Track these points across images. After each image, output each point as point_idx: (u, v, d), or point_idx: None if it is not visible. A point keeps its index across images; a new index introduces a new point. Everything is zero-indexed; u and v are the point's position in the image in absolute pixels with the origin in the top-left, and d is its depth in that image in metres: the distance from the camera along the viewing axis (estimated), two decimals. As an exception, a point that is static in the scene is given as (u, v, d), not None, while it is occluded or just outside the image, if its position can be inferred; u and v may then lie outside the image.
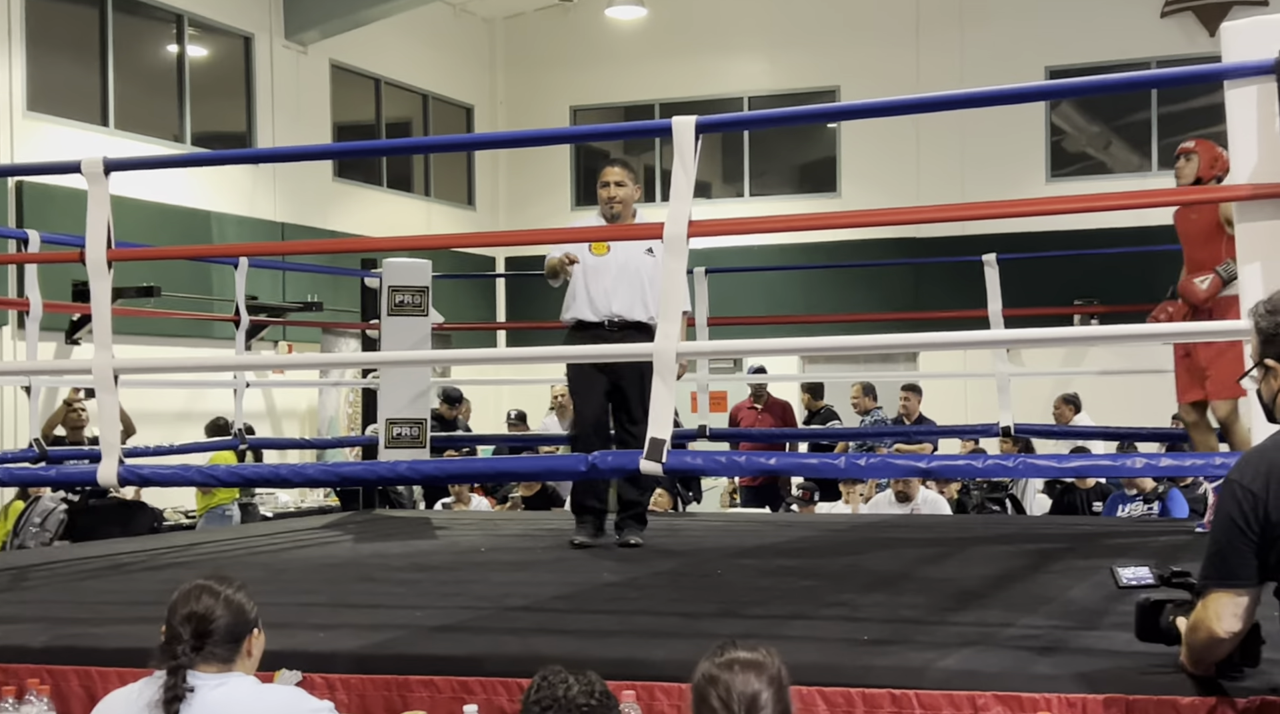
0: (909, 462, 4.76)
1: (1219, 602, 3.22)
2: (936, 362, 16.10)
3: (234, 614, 3.19)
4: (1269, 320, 3.26)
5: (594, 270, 6.76)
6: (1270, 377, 3.28)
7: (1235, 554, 3.17)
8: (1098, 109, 17.87)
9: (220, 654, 3.16)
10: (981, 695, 3.61)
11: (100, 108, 13.86)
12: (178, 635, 3.12)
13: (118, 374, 4.94)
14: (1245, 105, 4.05)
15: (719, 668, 2.82)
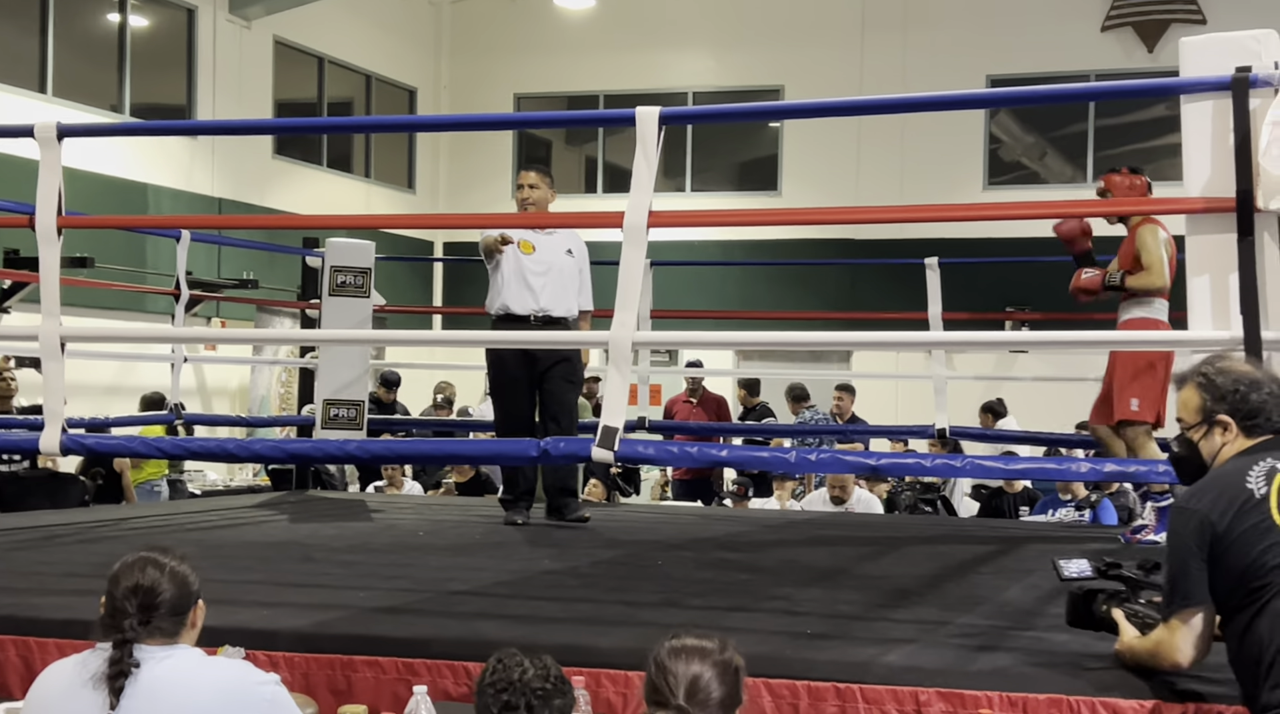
0: (858, 458, 4.80)
1: (1180, 633, 3.33)
2: (869, 362, 16.23)
3: (179, 586, 3.13)
4: (1225, 378, 3.39)
5: (525, 267, 7.03)
6: (1217, 431, 3.39)
7: (1189, 577, 3.27)
8: (1035, 119, 18.08)
9: (166, 627, 3.11)
10: (924, 691, 3.65)
11: (39, 74, 13.68)
12: (123, 609, 3.06)
13: (64, 342, 4.87)
14: (1201, 119, 4.12)
15: (667, 653, 2.90)
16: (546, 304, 7.02)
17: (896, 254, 14.24)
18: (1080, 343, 6.54)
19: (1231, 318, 4.05)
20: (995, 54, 17.19)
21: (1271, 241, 4.04)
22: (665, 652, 2.93)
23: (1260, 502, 3.20)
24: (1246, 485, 3.22)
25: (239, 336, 13.33)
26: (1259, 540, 3.16)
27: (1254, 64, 4.03)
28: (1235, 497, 3.22)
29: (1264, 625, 3.13)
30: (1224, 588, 3.24)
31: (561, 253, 7.13)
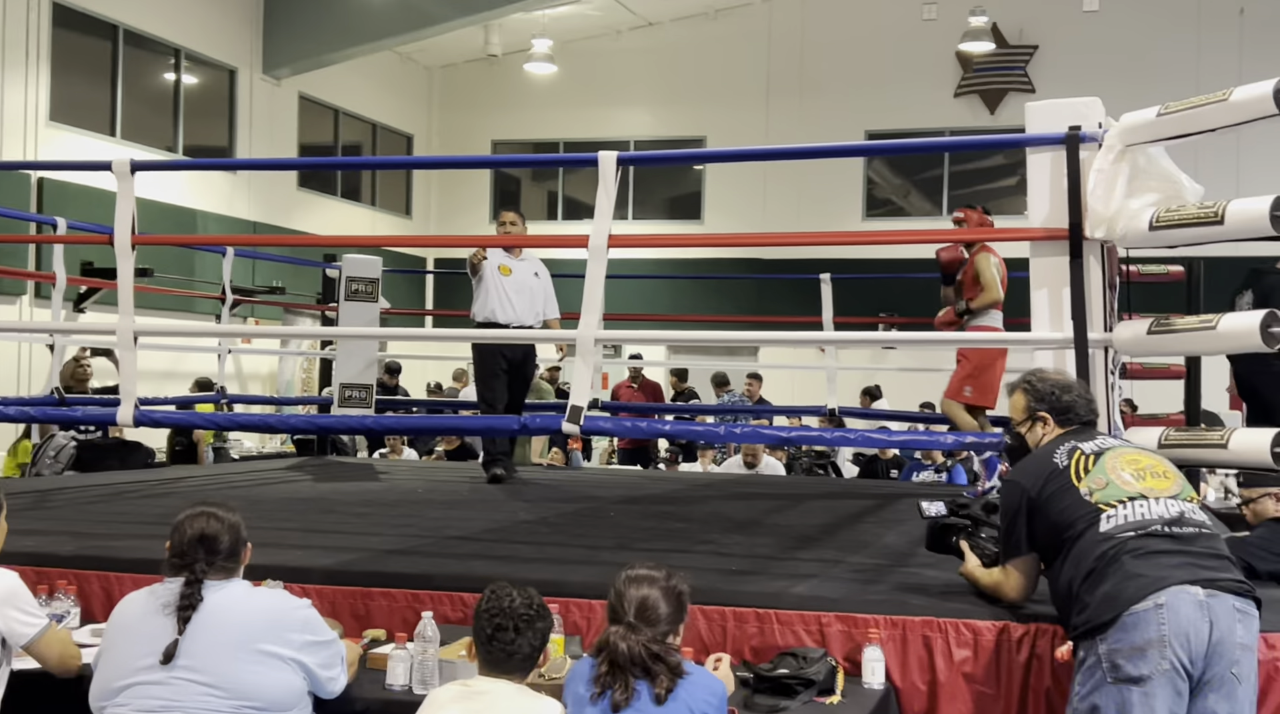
0: (774, 432, 4.80)
1: (1012, 576, 3.49)
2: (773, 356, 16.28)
3: (233, 533, 3.13)
4: (1044, 384, 3.55)
5: (505, 285, 7.29)
6: (1038, 425, 3.53)
7: (1015, 533, 3.41)
8: (901, 166, 18.20)
9: (228, 566, 3.11)
10: (826, 615, 3.67)
11: (109, 120, 13.46)
12: (191, 553, 3.05)
13: (137, 336, 4.79)
14: (1042, 167, 4.15)
15: (623, 581, 2.96)
16: (521, 315, 7.30)
17: (794, 271, 14.30)
18: (943, 341, 6.59)
19: (1065, 322, 4.10)
20: (872, 113, 17.29)
21: (1095, 262, 4.09)
22: (622, 580, 2.96)
23: (1063, 471, 3.32)
24: (1053, 460, 3.36)
25: (272, 332, 13.21)
26: (1062, 499, 3.28)
27: (1083, 124, 4.07)
28: (1044, 469, 3.36)
29: (1069, 566, 3.21)
30: (1043, 540, 3.34)
31: (530, 275, 7.42)
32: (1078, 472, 3.30)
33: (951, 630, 3.56)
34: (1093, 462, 3.31)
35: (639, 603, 2.89)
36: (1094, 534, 3.17)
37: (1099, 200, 3.93)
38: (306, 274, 14.32)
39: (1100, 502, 3.22)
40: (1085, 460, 3.32)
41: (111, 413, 4.77)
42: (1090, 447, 3.37)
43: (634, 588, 2.92)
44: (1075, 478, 3.28)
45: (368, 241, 12.64)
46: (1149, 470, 3.30)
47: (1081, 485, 3.27)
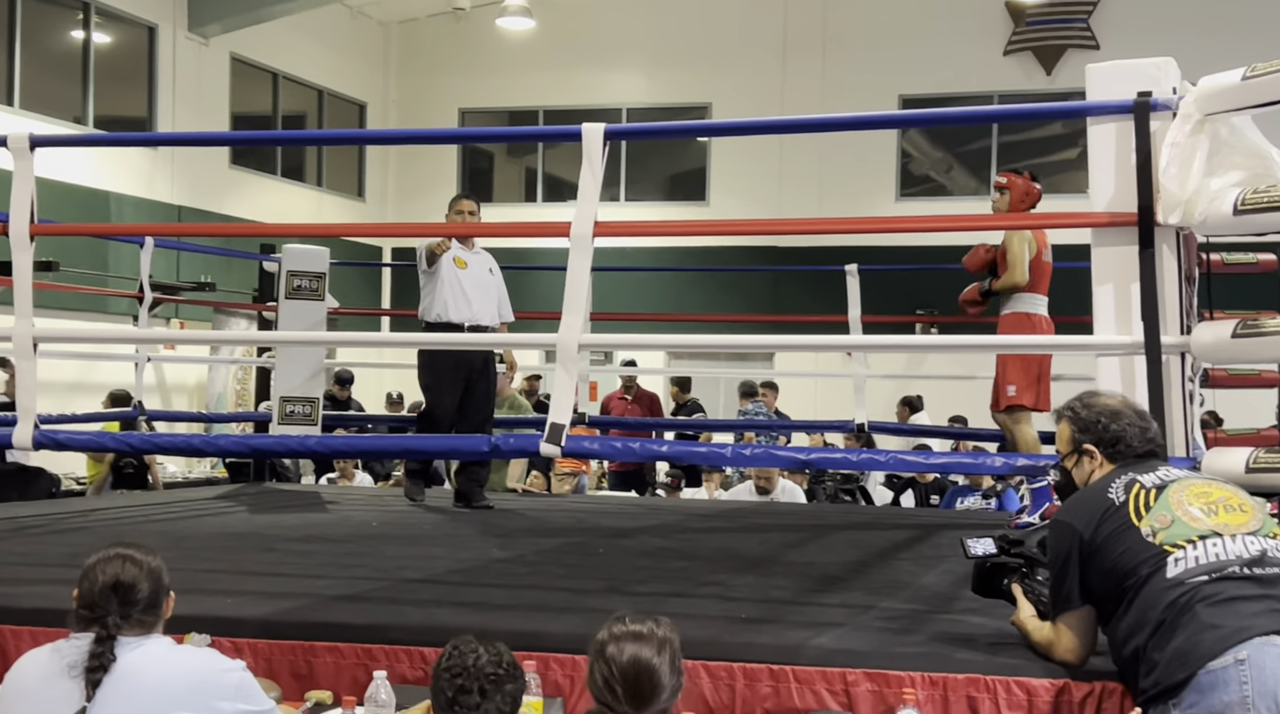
0: (790, 454, 4.80)
1: (1064, 635, 3.48)
2: (791, 361, 16.29)
3: (154, 581, 3.11)
4: (1089, 412, 3.56)
5: (461, 280, 7.41)
6: (1086, 459, 3.56)
7: (1067, 582, 3.41)
8: (942, 136, 18.22)
9: (146, 620, 3.08)
10: (852, 672, 3.65)
11: (6, 87, 13.46)
12: (103, 604, 3.02)
13: (36, 342, 4.77)
14: (1106, 140, 4.15)
15: (606, 641, 2.84)
16: (478, 314, 7.42)
17: (815, 261, 14.31)
18: (988, 347, 6.58)
19: (1133, 323, 4.09)
20: (907, 75, 17.31)
21: (1169, 253, 4.09)
22: (606, 638, 2.83)
23: (1119, 508, 3.33)
24: (1108, 496, 3.37)
25: (200, 337, 13.17)
26: (1120, 541, 3.29)
27: (1154, 89, 4.07)
28: (1098, 506, 3.37)
29: (1132, 619, 3.22)
30: (1100, 588, 3.35)
31: (485, 271, 7.57)
32: (1137, 509, 3.31)
33: (1001, 690, 3.54)
34: (1154, 496, 3.32)
35: (634, 675, 2.79)
36: (1160, 580, 3.18)
37: (1173, 179, 3.93)
38: (241, 267, 14.32)
39: (1166, 543, 3.22)
40: (1146, 495, 3.33)
41: (6, 434, 4.74)
42: (1151, 479, 3.38)
43: (624, 652, 2.81)
44: (1135, 516, 3.29)
45: (313, 230, 12.67)
46: (1221, 504, 3.30)
47: (1143, 524, 3.28)
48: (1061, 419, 3.64)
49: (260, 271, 9.67)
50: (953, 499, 9.84)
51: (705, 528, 7.04)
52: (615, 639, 2.82)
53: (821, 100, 17.23)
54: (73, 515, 7.10)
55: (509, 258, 16.15)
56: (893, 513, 9.21)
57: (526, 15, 18.11)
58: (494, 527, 6.77)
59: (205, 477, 12.56)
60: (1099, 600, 3.38)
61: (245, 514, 7.48)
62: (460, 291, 7.39)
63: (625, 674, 2.77)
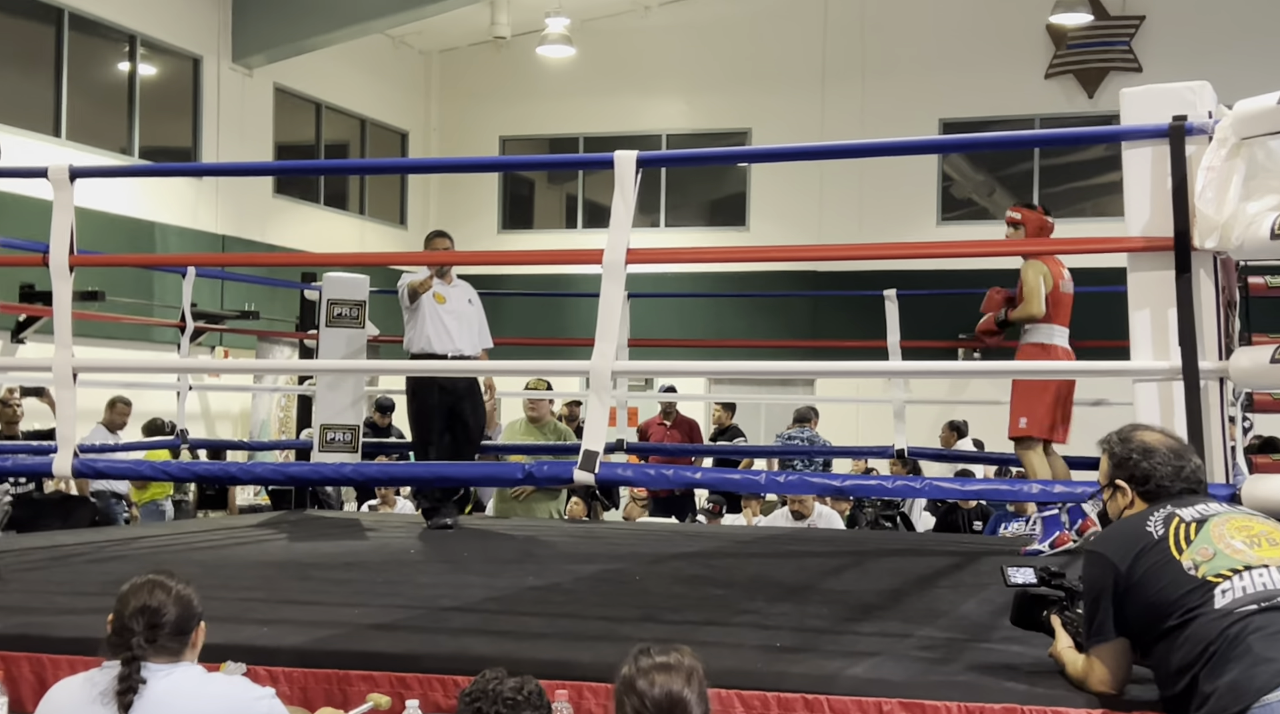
0: (824, 480, 4.78)
1: (1097, 667, 3.45)
2: (832, 387, 16.23)
3: (183, 608, 3.14)
4: (1123, 447, 3.54)
5: (441, 314, 7.88)
6: (1118, 495, 3.55)
7: (1100, 613, 3.39)
8: (984, 159, 18.16)
9: (171, 646, 3.11)
10: (888, 702, 3.62)
11: (53, 119, 13.64)
12: (130, 628, 3.06)
13: (76, 372, 4.83)
14: (1141, 164, 4.13)
15: (635, 673, 2.83)
16: (460, 344, 7.84)
17: (856, 285, 14.26)
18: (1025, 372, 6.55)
19: (1170, 349, 4.06)
20: (947, 99, 17.27)
21: (1206, 278, 4.06)
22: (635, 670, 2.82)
23: (1159, 541, 3.30)
24: (1146, 529, 3.35)
25: (241, 367, 13.29)
26: (1161, 576, 3.26)
27: (1189, 113, 4.04)
28: (1136, 540, 3.34)
29: (1180, 652, 3.18)
30: (1138, 621, 3.32)
31: (464, 302, 8.01)
32: (1178, 542, 3.28)
33: (1036, 722, 3.51)
34: (1195, 530, 3.29)
35: (668, 706, 2.78)
36: (1209, 611, 3.15)
37: (1209, 204, 3.90)
38: (284, 296, 14.42)
39: (1209, 575, 3.20)
40: (1186, 529, 3.30)
41: (47, 462, 4.80)
42: (1190, 513, 3.34)
43: (655, 684, 2.81)
44: (1175, 550, 3.26)
45: (354, 259, 12.71)
46: (1264, 537, 3.27)
47: (1184, 558, 3.25)
48: (1101, 451, 3.62)
49: (302, 300, 9.75)
50: (996, 525, 9.76)
51: (743, 554, 7.01)
52: (644, 672, 2.82)
53: (861, 125, 17.21)
54: (113, 544, 7.15)
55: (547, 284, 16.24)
56: (933, 540, 9.14)
57: (567, 43, 18.21)
58: (531, 555, 6.77)
59: (248, 504, 12.65)
60: (1136, 633, 3.34)
61: (284, 542, 7.52)
62: (441, 325, 7.84)
63: (659, 706, 2.76)
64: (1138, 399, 4.15)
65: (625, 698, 2.80)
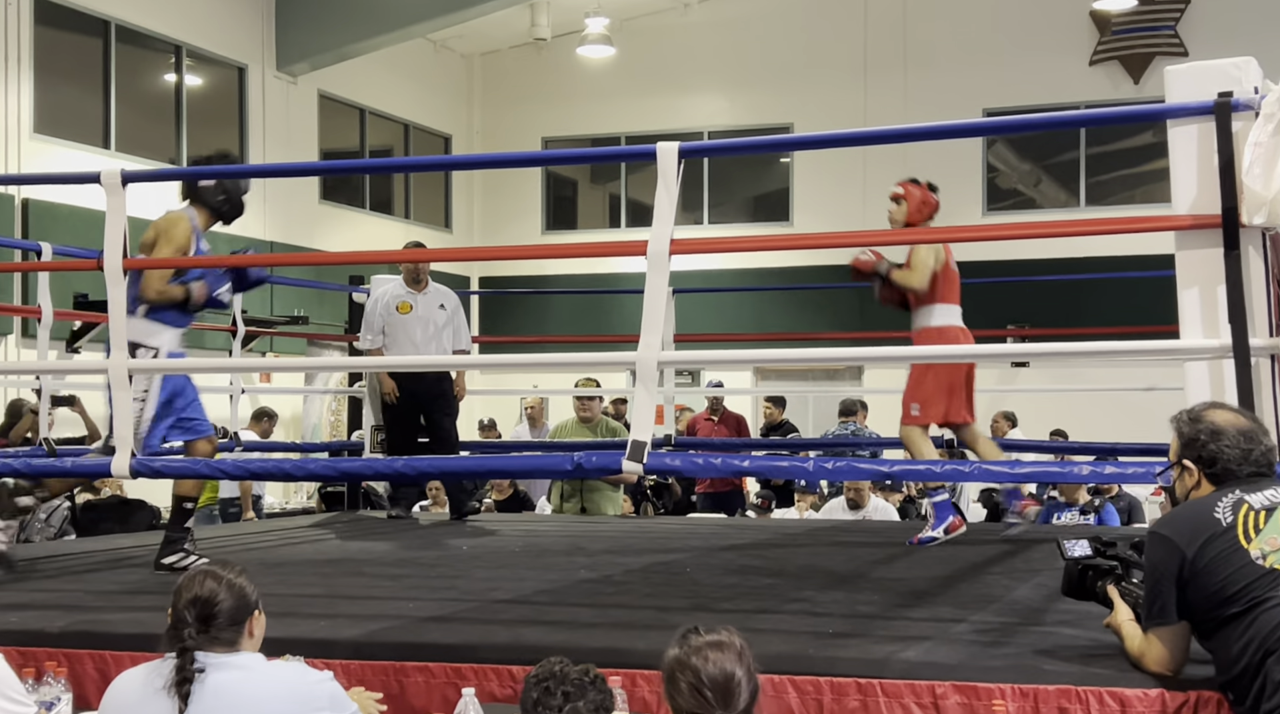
0: (872, 466, 4.78)
1: (1156, 646, 3.45)
2: (880, 379, 16.18)
3: (236, 597, 3.15)
4: (1191, 427, 3.51)
5: (404, 324, 8.12)
6: (1185, 475, 3.52)
7: (1162, 596, 3.38)
8: (1030, 148, 18.04)
9: (225, 636, 3.12)
10: (940, 685, 3.63)
11: (102, 131, 13.82)
12: (183, 619, 3.09)
13: (132, 374, 4.90)
14: (1187, 142, 4.10)
15: (689, 652, 2.85)
16: (422, 350, 8.09)
17: (903, 277, 14.20)
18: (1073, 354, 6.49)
19: (1220, 327, 4.03)
20: (990, 89, 17.15)
21: (1255, 254, 4.02)
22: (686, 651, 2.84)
23: (1227, 529, 3.28)
24: (1214, 515, 3.32)
25: (290, 365, 13.40)
26: (1227, 565, 3.25)
27: (1235, 89, 4.01)
28: (1204, 526, 3.32)
29: (1248, 642, 3.17)
30: (1200, 608, 3.31)
31: (435, 307, 8.19)
32: (1246, 531, 3.26)
33: (1094, 701, 3.50)
34: (1264, 519, 3.28)
35: (723, 681, 2.82)
36: (1277, 600, 3.15)
37: (1257, 180, 3.87)
38: (332, 300, 14.55)
39: (1277, 564, 3.19)
40: (1255, 517, 3.28)
41: (105, 463, 4.87)
42: (1260, 500, 3.32)
43: (710, 663, 2.84)
44: (1244, 539, 3.25)
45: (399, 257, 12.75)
46: None
47: (1252, 547, 3.24)
48: (1172, 429, 3.59)
49: (350, 303, 9.82)
50: (1049, 515, 9.71)
51: (794, 545, 7.03)
52: (697, 651, 2.84)
53: (904, 117, 17.12)
54: (172, 545, 7.25)
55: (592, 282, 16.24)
56: (984, 528, 9.10)
57: (607, 43, 18.25)
58: (583, 549, 6.81)
59: (301, 507, 12.75)
60: (1198, 619, 3.34)
61: (338, 541, 7.58)
62: (406, 339, 8.08)
63: (715, 683, 2.79)
64: (1188, 379, 4.12)
65: (679, 675, 2.82)
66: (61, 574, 6.10)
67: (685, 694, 2.81)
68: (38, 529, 8.00)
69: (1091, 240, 13.62)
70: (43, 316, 7.47)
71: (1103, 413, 13.18)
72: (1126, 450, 8.05)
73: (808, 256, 16.38)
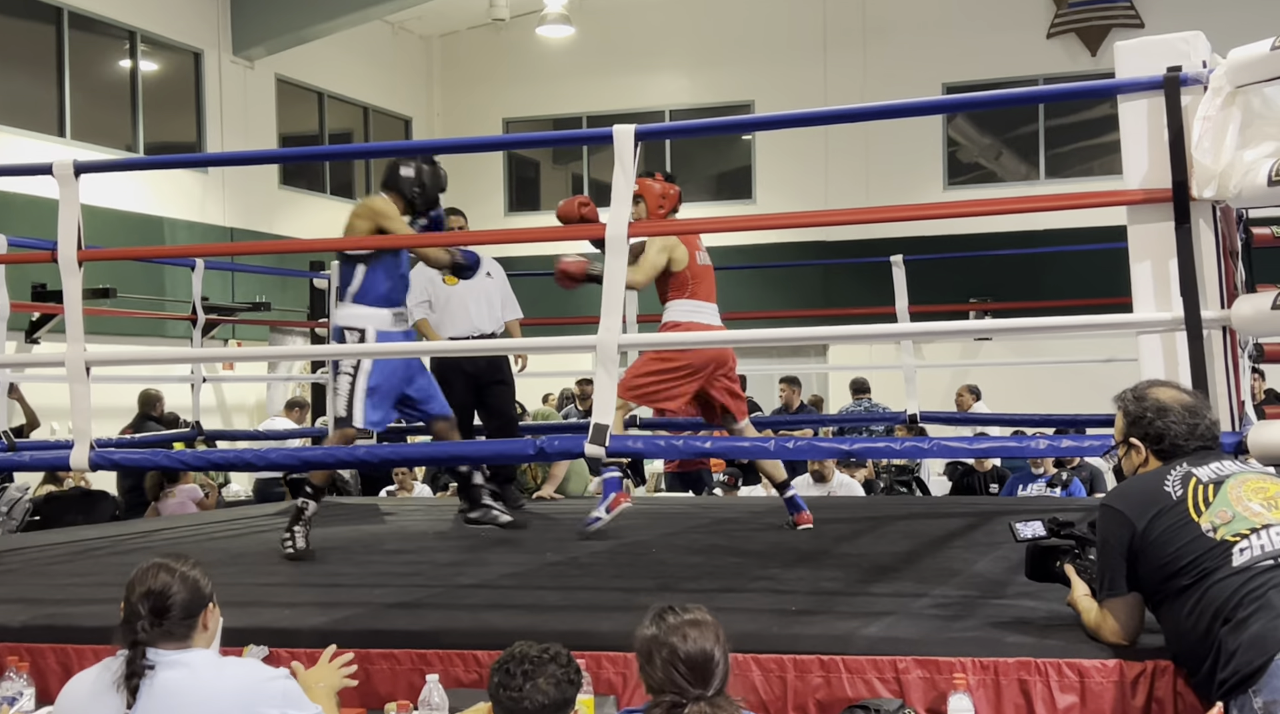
0: (833, 445, 4.81)
1: (1109, 619, 3.50)
2: (845, 356, 16.24)
3: (190, 590, 3.12)
4: (1137, 406, 3.55)
5: (454, 295, 7.65)
6: (1133, 452, 3.56)
7: (1113, 569, 3.43)
8: (989, 123, 18.10)
9: (179, 631, 3.09)
10: (903, 660, 3.66)
11: (57, 119, 13.70)
12: (136, 613, 3.06)
13: (89, 366, 4.87)
14: (1137, 117, 4.13)
15: (666, 630, 2.89)
16: (477, 323, 7.66)
17: (865, 254, 14.26)
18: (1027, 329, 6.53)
19: (1173, 300, 4.07)
20: (949, 64, 17.21)
21: (1206, 227, 4.06)
22: (665, 629, 2.89)
23: (1178, 503, 3.32)
24: (1164, 488, 3.36)
25: (253, 354, 13.33)
26: (1177, 537, 3.28)
27: (1184, 64, 4.04)
28: (1154, 499, 3.36)
29: (1199, 612, 3.21)
30: (1149, 580, 3.35)
31: (482, 276, 7.64)
32: (1196, 504, 3.30)
33: (1053, 673, 3.54)
34: (1213, 492, 3.31)
35: (701, 659, 2.84)
36: (1227, 570, 3.18)
37: (1206, 153, 3.90)
38: (294, 287, 14.50)
39: (1227, 535, 3.23)
40: (1204, 490, 3.32)
41: (64, 456, 4.84)
42: (1207, 473, 3.36)
43: (688, 641, 2.86)
44: (1194, 511, 3.29)
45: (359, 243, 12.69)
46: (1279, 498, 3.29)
47: (1202, 520, 3.27)
48: (1117, 407, 3.63)
49: (311, 289, 9.79)
50: (1014, 487, 9.77)
51: (759, 525, 7.03)
52: (674, 629, 2.89)
53: (864, 93, 17.17)
54: (134, 536, 7.22)
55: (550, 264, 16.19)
56: (947, 502, 9.18)
57: (566, 23, 18.20)
58: (548, 531, 6.81)
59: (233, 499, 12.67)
60: (1148, 590, 3.38)
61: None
62: (457, 306, 7.65)
63: (692, 660, 2.83)
64: (1142, 351, 4.16)
65: (655, 653, 2.85)
66: (23, 567, 6.06)
67: (661, 672, 2.84)
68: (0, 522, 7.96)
69: (1050, 214, 13.73)
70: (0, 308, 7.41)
71: (1066, 384, 13.29)
72: (1088, 421, 8.12)
73: (772, 233, 16.44)
